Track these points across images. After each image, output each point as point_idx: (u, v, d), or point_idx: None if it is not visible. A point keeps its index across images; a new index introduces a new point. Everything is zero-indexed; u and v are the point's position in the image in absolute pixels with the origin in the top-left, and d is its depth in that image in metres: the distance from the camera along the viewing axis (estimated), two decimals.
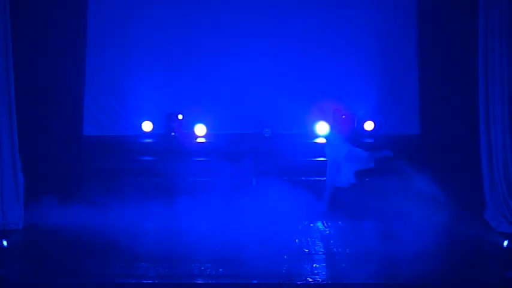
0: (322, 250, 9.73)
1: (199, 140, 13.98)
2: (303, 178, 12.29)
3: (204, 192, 11.50)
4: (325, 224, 10.85)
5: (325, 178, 11.56)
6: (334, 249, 9.74)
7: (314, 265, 9.07)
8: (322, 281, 8.59)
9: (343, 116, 11.67)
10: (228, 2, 14.36)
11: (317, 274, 8.77)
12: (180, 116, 14.03)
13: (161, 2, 14.35)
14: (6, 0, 10.35)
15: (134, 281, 8.62)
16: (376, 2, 14.24)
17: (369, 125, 14.08)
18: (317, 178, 12.33)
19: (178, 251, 9.58)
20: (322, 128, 13.95)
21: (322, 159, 12.86)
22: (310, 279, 8.61)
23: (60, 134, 12.31)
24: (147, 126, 14.21)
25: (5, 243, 9.65)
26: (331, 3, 14.27)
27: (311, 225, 10.84)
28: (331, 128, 11.66)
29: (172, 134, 13.95)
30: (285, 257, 9.33)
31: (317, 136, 13.98)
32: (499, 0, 10.36)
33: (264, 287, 8.54)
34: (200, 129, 14.06)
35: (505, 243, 9.56)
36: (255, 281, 8.53)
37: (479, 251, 9.39)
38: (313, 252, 9.64)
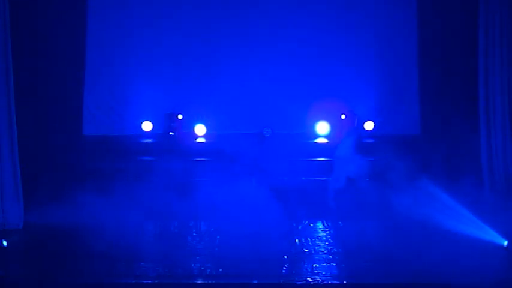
0: (322, 250, 9.72)
1: (199, 140, 13.97)
2: (303, 178, 12.28)
3: (203, 192, 11.50)
4: (325, 224, 10.84)
5: (325, 178, 11.56)
6: (334, 250, 9.74)
7: (314, 265, 9.07)
8: (322, 281, 8.58)
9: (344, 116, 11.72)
10: (228, 3, 14.35)
11: (317, 274, 8.76)
12: (180, 116, 14.01)
13: (161, 3, 14.33)
14: (6, 0, 10.34)
15: (134, 281, 8.61)
16: (376, 2, 14.22)
17: (369, 125, 14.06)
18: (317, 178, 12.34)
19: (179, 251, 9.58)
20: (322, 128, 13.94)
21: (322, 159, 12.88)
22: (310, 279, 8.61)
23: (60, 134, 12.31)
24: (147, 126, 14.20)
25: (5, 243, 9.64)
26: (331, 3, 14.25)
27: (311, 225, 10.83)
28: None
29: (171, 133, 13.92)
30: (285, 257, 9.32)
31: (317, 136, 13.97)
32: (499, 0, 10.36)
33: (264, 287, 8.54)
34: (200, 129, 14.05)
35: (505, 243, 9.55)
36: (255, 281, 8.53)
37: (479, 251, 9.37)
38: (313, 252, 9.64)
